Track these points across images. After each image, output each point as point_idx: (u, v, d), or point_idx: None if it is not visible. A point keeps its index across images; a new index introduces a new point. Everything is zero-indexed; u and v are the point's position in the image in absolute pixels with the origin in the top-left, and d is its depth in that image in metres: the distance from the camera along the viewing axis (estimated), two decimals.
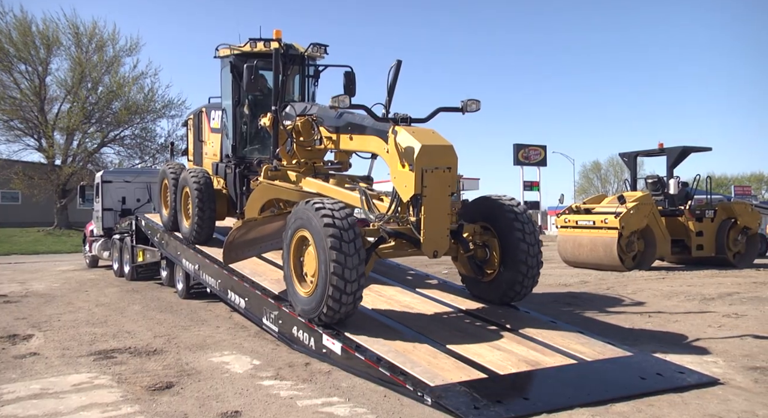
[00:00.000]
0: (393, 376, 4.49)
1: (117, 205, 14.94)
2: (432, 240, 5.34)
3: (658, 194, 14.65)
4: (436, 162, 5.21)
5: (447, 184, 5.29)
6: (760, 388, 4.59)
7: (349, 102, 5.53)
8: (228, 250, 6.76)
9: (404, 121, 5.52)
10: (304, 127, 7.00)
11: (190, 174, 8.87)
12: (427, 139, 5.25)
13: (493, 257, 6.04)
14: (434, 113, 5.81)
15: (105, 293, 10.78)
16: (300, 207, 5.46)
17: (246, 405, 4.31)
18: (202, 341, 6.54)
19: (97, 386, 4.88)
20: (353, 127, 6.24)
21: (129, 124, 33.78)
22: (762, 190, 53.95)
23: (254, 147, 8.71)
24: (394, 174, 5.41)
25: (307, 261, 5.53)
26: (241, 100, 8.50)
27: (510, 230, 5.84)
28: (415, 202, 5.27)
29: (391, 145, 5.44)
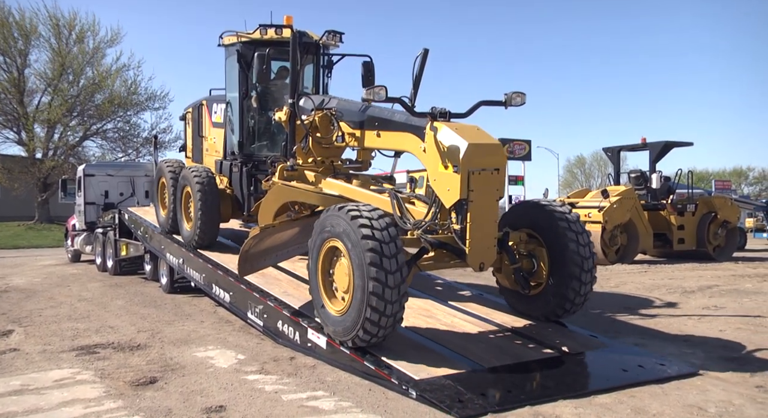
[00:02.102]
0: (378, 370, 4.50)
1: (100, 199, 14.78)
2: (478, 251, 4.76)
3: (641, 189, 14.83)
4: (484, 163, 4.66)
5: (495, 187, 4.75)
6: (737, 378, 4.68)
7: (386, 94, 4.92)
8: (243, 261, 6.02)
9: (443, 115, 4.93)
10: (321, 123, 6.39)
11: (192, 172, 8.14)
12: (474, 137, 4.70)
13: (541, 268, 5.41)
14: (475, 107, 5.20)
15: (87, 288, 10.67)
16: (331, 214, 4.80)
17: (231, 400, 4.30)
18: (187, 336, 6.50)
19: (80, 382, 4.84)
20: (381, 122, 5.66)
21: (111, 117, 33.36)
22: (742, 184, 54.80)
23: (263, 143, 8.12)
24: (434, 176, 4.84)
25: (338, 275, 4.88)
26: (249, 93, 7.84)
27: (562, 240, 5.21)
28: (460, 208, 4.72)
29: (429, 144, 4.90)
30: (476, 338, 5.24)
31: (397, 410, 4.00)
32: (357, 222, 4.49)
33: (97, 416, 4.01)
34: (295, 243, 6.52)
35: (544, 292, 5.42)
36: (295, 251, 6.65)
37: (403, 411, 3.98)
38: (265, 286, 6.56)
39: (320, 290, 5.05)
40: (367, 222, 4.48)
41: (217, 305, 8.07)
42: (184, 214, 8.52)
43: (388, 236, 4.45)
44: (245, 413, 4.01)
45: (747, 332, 6.38)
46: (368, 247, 4.36)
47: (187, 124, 10.29)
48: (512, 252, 5.31)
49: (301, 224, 6.22)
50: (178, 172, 8.87)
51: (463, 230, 4.73)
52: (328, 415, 3.95)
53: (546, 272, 5.37)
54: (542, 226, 5.37)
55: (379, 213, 4.63)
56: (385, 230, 4.47)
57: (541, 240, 5.36)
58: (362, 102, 5.05)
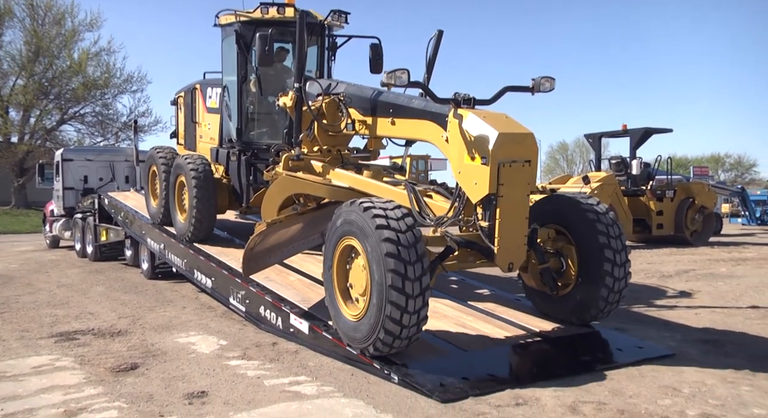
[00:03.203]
0: (360, 355, 4.52)
1: (79, 184, 14.57)
2: (508, 250, 4.44)
3: (621, 175, 15.00)
4: (515, 154, 4.32)
5: (526, 181, 4.43)
6: (710, 359, 4.81)
7: (408, 78, 4.56)
8: (248, 259, 5.66)
9: (467, 102, 4.56)
10: (329, 109, 5.98)
11: (186, 161, 7.69)
12: (504, 126, 4.35)
13: (569, 267, 5.03)
14: (501, 93, 4.82)
15: (67, 274, 10.54)
16: (345, 209, 4.46)
17: (212, 385, 4.30)
18: (168, 322, 6.46)
19: (59, 368, 4.79)
20: (396, 108, 5.26)
21: (89, 101, 32.69)
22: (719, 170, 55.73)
23: (262, 130, 7.67)
24: (459, 168, 4.49)
25: (354, 276, 4.51)
26: (248, 76, 7.40)
27: (591, 235, 4.85)
28: (488, 203, 4.38)
29: (452, 133, 4.54)
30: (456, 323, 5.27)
31: (379, 395, 4.03)
32: (371, 214, 4.17)
33: (77, 402, 3.98)
34: (301, 238, 6.19)
35: (573, 293, 5.03)
36: (302, 246, 6.32)
37: (385, 395, 4.01)
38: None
39: (336, 294, 4.66)
40: (381, 212, 4.16)
41: (199, 291, 8.03)
42: (178, 205, 8.08)
43: (405, 225, 4.12)
44: (227, 398, 4.01)
45: (721, 315, 6.53)
46: (383, 237, 4.03)
47: (179, 110, 9.77)
48: (542, 251, 4.91)
49: (306, 217, 5.92)
50: (170, 160, 8.42)
51: (491, 228, 4.40)
52: (310, 400, 3.97)
53: (575, 271, 4.99)
54: (569, 221, 5.00)
55: (403, 211, 4.25)
56: (401, 220, 4.14)
57: (570, 237, 4.99)
58: (381, 87, 4.68)
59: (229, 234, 8.47)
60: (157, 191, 8.73)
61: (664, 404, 3.82)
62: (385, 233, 4.04)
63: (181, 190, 8.00)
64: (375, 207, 4.22)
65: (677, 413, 3.66)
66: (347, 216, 4.41)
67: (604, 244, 4.81)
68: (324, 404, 3.87)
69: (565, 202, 5.12)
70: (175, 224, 8.12)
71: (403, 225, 4.11)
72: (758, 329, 5.85)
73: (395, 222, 4.11)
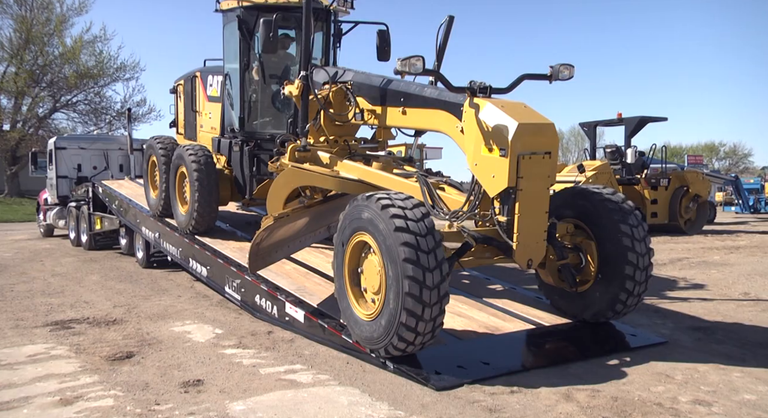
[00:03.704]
0: (356, 343, 4.54)
1: (72, 172, 14.49)
2: (527, 246, 4.27)
3: (616, 163, 15.01)
4: (535, 145, 4.15)
5: (546, 173, 4.24)
6: (702, 346, 4.87)
7: (424, 66, 4.35)
8: (255, 255, 5.50)
9: (483, 91, 4.37)
10: (336, 98, 5.80)
11: (187, 151, 7.46)
12: (524, 116, 4.17)
13: (589, 264, 4.84)
14: (518, 82, 4.61)
15: (61, 263, 10.51)
16: (359, 204, 4.27)
17: (208, 374, 4.31)
18: (164, 311, 6.47)
19: (54, 357, 4.79)
20: (407, 97, 5.07)
21: (81, 89, 32.40)
22: (713, 159, 55.88)
23: (265, 120, 7.41)
24: (475, 160, 4.31)
25: (367, 273, 4.34)
26: (250, 64, 7.13)
27: (615, 233, 4.63)
28: (507, 197, 4.21)
29: (468, 123, 4.36)
30: None
31: (375, 383, 4.05)
32: (390, 214, 3.94)
33: (73, 391, 3.98)
34: (308, 232, 6.02)
35: (592, 290, 4.85)
36: (308, 240, 6.15)
37: (380, 384, 4.04)
38: (243, 260, 6.53)
39: (347, 291, 4.49)
40: (400, 212, 3.95)
41: (195, 280, 8.03)
42: (179, 197, 7.86)
43: (425, 227, 3.91)
44: (223, 386, 4.03)
45: (713, 303, 6.59)
46: (402, 240, 3.82)
47: (178, 98, 9.48)
48: (561, 246, 4.71)
49: (313, 210, 5.77)
50: (170, 150, 8.21)
51: (509, 223, 4.22)
52: (305, 388, 3.99)
53: (594, 268, 4.80)
54: (592, 216, 4.78)
55: (423, 211, 4.04)
56: (421, 222, 3.93)
57: (590, 232, 4.79)
58: (394, 74, 4.47)
59: (231, 226, 8.35)
60: (157, 182, 8.52)
61: (656, 391, 3.86)
62: (404, 236, 3.83)
63: (181, 182, 7.80)
64: (394, 206, 3.99)
65: (670, 400, 3.70)
66: (362, 212, 4.20)
67: (627, 246, 4.59)
68: (319, 393, 3.89)
69: (588, 196, 4.86)
70: (176, 216, 7.93)
71: (423, 228, 3.90)
72: (749, 317, 5.91)
73: (415, 224, 3.88)
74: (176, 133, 9.62)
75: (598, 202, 4.78)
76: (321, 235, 6.27)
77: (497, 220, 4.30)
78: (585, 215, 4.83)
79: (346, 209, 4.43)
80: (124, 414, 3.57)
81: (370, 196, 4.20)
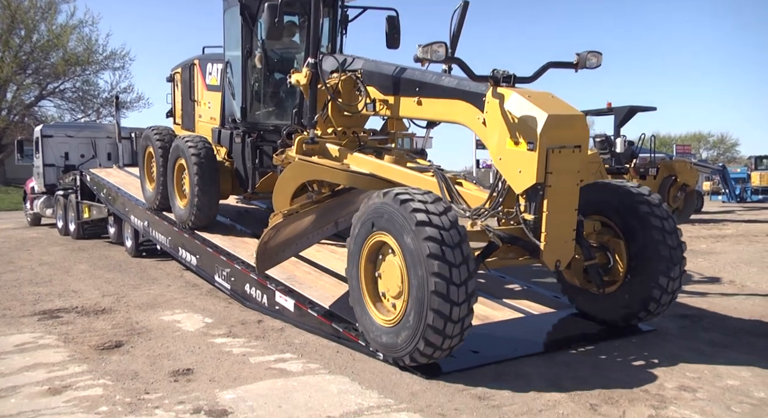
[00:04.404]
0: (346, 332, 4.55)
1: (60, 160, 14.33)
2: (555, 246, 4.03)
3: (606, 153, 15.08)
4: (565, 138, 3.91)
5: (576, 168, 4.01)
6: (687, 334, 4.95)
7: (446, 53, 4.10)
8: (262, 254, 5.20)
9: (507, 80, 4.11)
10: (345, 87, 5.54)
11: (187, 142, 7.16)
12: (553, 107, 3.93)
13: (617, 263, 4.63)
14: (543, 70, 4.33)
15: (49, 252, 10.43)
16: (377, 201, 4.02)
17: (198, 363, 4.31)
18: (153, 300, 6.44)
19: (42, 346, 4.77)
20: (423, 87, 4.81)
21: (69, 76, 31.95)
22: (701, 149, 56.25)
23: (268, 110, 7.09)
24: (499, 153, 4.07)
25: (386, 276, 4.08)
26: (253, 51, 6.81)
27: (644, 229, 4.45)
28: (534, 193, 3.97)
29: (492, 114, 4.11)
30: None
31: (365, 371, 4.07)
32: (410, 208, 3.73)
33: (62, 380, 3.97)
34: (315, 229, 5.73)
35: (621, 291, 4.64)
36: (316, 238, 5.89)
37: (370, 372, 4.06)
38: (232, 249, 6.52)
39: (364, 296, 4.24)
40: (421, 206, 3.73)
41: (184, 269, 8.00)
42: (177, 190, 7.55)
43: (449, 221, 3.70)
44: (213, 375, 4.03)
45: (700, 290, 6.67)
46: (425, 235, 3.62)
47: (176, 87, 9.13)
48: (588, 246, 4.48)
49: (320, 206, 5.50)
50: (168, 141, 7.87)
51: (537, 221, 3.99)
52: (295, 377, 4.00)
53: (623, 267, 4.60)
54: (618, 212, 4.59)
55: (444, 205, 3.85)
56: (444, 215, 3.73)
57: (618, 229, 4.60)
58: (415, 62, 4.19)
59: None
60: (154, 174, 8.17)
61: (644, 377, 3.92)
62: (428, 230, 3.62)
63: (180, 174, 7.50)
64: (414, 200, 3.78)
65: (656, 387, 3.75)
66: (379, 209, 3.98)
67: (659, 240, 4.41)
68: (309, 381, 3.90)
69: (612, 191, 4.69)
70: (175, 210, 7.61)
71: (446, 221, 3.69)
72: (735, 305, 5.99)
73: (437, 218, 3.68)
74: (173, 123, 9.31)
75: (625, 197, 4.59)
76: (329, 231, 6.01)
77: (523, 218, 4.07)
78: (612, 211, 4.61)
79: (361, 208, 4.20)
80: (113, 403, 3.56)
81: (387, 192, 3.97)
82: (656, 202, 4.56)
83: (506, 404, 3.49)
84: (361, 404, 3.51)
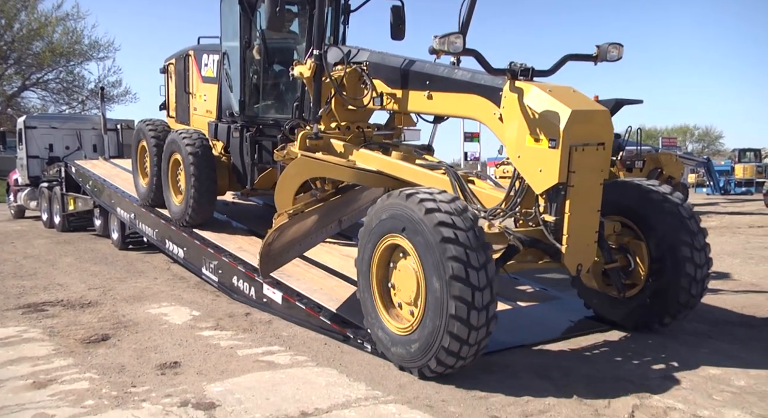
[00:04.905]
0: (333, 324, 4.56)
1: (44, 152, 14.15)
2: (577, 249, 3.86)
3: None
4: (589, 135, 3.73)
5: (600, 167, 3.85)
6: (672, 325, 4.90)
7: (463, 44, 3.85)
8: (266, 256, 4.88)
9: (525, 73, 3.89)
10: (349, 80, 5.29)
11: (183, 137, 6.89)
12: (576, 102, 3.75)
13: (638, 266, 4.45)
14: (561, 63, 4.09)
15: (33, 245, 10.32)
16: (391, 202, 3.82)
17: (185, 356, 4.30)
18: (140, 293, 6.40)
19: (27, 340, 4.73)
20: (434, 80, 4.58)
21: (53, 67, 31.47)
22: (686, 141, 56.79)
23: (268, 103, 6.83)
24: (518, 151, 3.87)
25: (400, 280, 3.88)
26: (252, 42, 6.55)
27: (668, 230, 4.27)
28: (555, 194, 3.78)
29: (510, 109, 3.91)
30: None
31: (353, 364, 4.08)
32: (425, 208, 3.53)
33: (47, 374, 3.94)
34: (319, 228, 5.51)
35: (642, 295, 4.47)
36: (320, 238, 5.67)
37: (358, 364, 4.07)
38: (220, 241, 6.49)
39: (375, 301, 4.04)
40: (448, 219, 3.49)
41: (172, 262, 7.95)
42: (172, 186, 7.27)
43: (476, 238, 3.46)
44: (200, 368, 4.02)
45: None
46: (442, 236, 3.41)
47: (169, 79, 8.82)
48: (608, 247, 4.28)
49: (325, 205, 5.28)
50: (162, 135, 7.61)
51: (558, 223, 3.82)
52: (283, 369, 4.00)
53: (645, 270, 4.42)
54: (639, 212, 4.42)
55: (462, 204, 3.65)
56: (472, 231, 3.49)
57: (638, 231, 4.43)
58: (430, 54, 3.96)
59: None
60: (147, 169, 7.95)
61: (628, 368, 3.97)
62: (453, 249, 3.40)
63: (175, 170, 7.22)
64: (440, 210, 3.54)
65: (640, 377, 3.80)
66: (393, 210, 3.78)
67: (684, 241, 4.25)
68: (297, 374, 3.91)
69: (633, 190, 4.51)
70: (170, 206, 7.34)
71: (473, 239, 3.45)
72: (717, 296, 6.07)
73: (464, 235, 3.44)
74: (167, 116, 9.02)
75: (647, 196, 4.41)
76: (332, 230, 5.83)
77: (543, 219, 3.88)
78: (632, 211, 4.43)
79: (377, 206, 3.98)
80: (99, 397, 3.55)
81: (410, 194, 3.71)
82: (680, 202, 4.38)
83: (493, 394, 3.52)
84: (349, 396, 3.52)
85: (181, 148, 6.86)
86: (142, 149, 8.14)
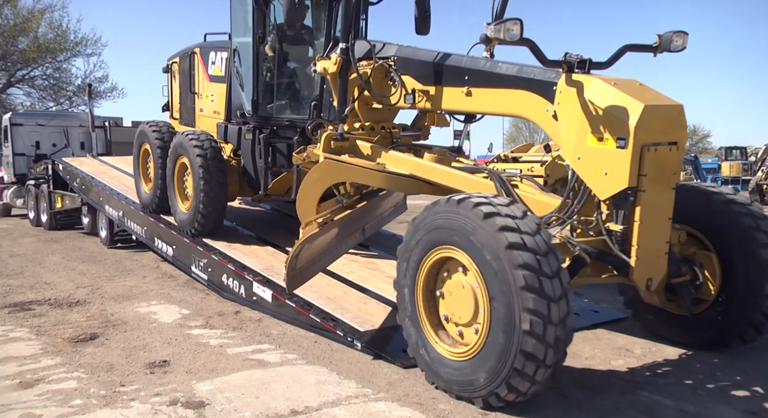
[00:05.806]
0: (323, 322, 4.55)
1: (30, 149, 14.02)
2: (647, 262, 3.46)
3: None
4: (661, 134, 3.35)
5: (672, 170, 3.46)
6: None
7: (520, 32, 3.40)
8: (293, 270, 4.40)
9: (581, 65, 3.52)
10: (376, 76, 4.85)
11: (190, 139, 6.47)
12: (647, 97, 3.37)
13: (707, 280, 4.00)
14: (619, 54, 3.67)
15: (20, 243, 10.21)
16: (443, 209, 3.38)
17: (175, 354, 4.27)
18: (128, 292, 6.36)
19: (13, 339, 4.68)
20: (475, 75, 4.14)
21: (39, 63, 31.14)
22: None
23: (282, 102, 6.39)
24: (578, 152, 3.49)
25: (453, 298, 3.43)
26: (265, 37, 6.11)
27: (744, 243, 3.85)
28: (623, 200, 3.38)
29: (565, 106, 3.54)
30: None
31: (343, 362, 4.08)
32: (497, 225, 3.07)
33: (34, 373, 3.90)
34: (343, 238, 5.16)
35: (712, 312, 4.02)
36: (344, 248, 5.34)
37: (348, 362, 4.07)
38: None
39: (422, 320, 3.59)
40: (511, 223, 3.08)
41: (161, 260, 7.91)
42: (178, 191, 6.87)
43: (544, 243, 3.05)
44: (190, 367, 4.00)
45: None
46: (519, 262, 2.96)
47: (173, 78, 8.34)
48: (676, 260, 3.78)
49: (351, 213, 4.95)
50: (167, 137, 7.27)
51: (625, 232, 3.43)
52: (273, 367, 3.99)
53: (715, 285, 3.97)
54: (710, 222, 3.98)
55: (536, 222, 3.19)
56: (538, 235, 3.08)
57: (708, 242, 4.00)
58: (481, 42, 3.57)
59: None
60: (150, 174, 7.55)
61: (617, 364, 4.00)
62: (522, 256, 2.98)
63: (182, 174, 6.81)
64: (500, 214, 3.12)
65: (629, 373, 3.84)
66: (441, 219, 3.39)
67: (764, 257, 3.82)
68: (287, 372, 3.90)
69: (703, 197, 4.04)
70: (176, 213, 6.90)
71: (542, 244, 3.04)
72: None
73: (531, 239, 3.03)
74: (170, 117, 8.54)
75: (720, 205, 3.97)
76: (356, 240, 5.54)
77: (607, 228, 3.48)
78: (699, 220, 4.00)
79: (420, 217, 3.56)
80: (87, 396, 3.52)
81: (461, 200, 3.30)
82: (759, 214, 3.95)
83: None
84: (340, 394, 3.52)
85: (189, 152, 6.45)
86: (145, 153, 7.75)
